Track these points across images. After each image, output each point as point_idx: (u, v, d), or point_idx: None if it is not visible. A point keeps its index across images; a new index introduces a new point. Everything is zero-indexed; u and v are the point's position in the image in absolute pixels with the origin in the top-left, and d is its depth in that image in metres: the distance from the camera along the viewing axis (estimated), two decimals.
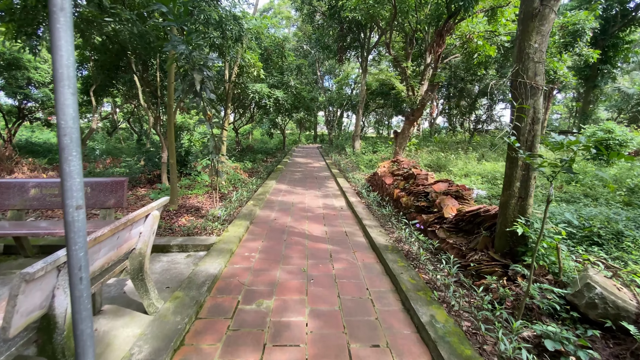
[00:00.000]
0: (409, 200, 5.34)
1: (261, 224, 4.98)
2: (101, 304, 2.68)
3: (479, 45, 7.11)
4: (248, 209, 5.65)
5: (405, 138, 8.58)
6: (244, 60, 8.67)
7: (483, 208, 3.68)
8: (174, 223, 5.01)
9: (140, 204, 6.41)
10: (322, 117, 39.96)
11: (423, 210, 4.95)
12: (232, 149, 16.80)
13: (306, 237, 4.42)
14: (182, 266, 3.49)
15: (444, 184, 5.04)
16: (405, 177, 6.17)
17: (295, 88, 13.52)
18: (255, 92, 11.25)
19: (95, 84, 15.14)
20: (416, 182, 5.73)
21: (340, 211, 5.97)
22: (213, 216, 5.04)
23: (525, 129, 2.98)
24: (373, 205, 5.93)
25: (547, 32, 2.92)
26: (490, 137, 19.47)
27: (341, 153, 17.87)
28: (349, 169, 11.44)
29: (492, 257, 3.23)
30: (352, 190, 7.55)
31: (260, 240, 4.28)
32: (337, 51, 16.89)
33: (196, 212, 5.62)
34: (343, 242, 4.31)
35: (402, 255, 3.70)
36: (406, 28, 9.36)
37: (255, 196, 6.70)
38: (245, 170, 10.72)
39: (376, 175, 7.83)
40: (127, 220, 2.12)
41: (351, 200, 6.46)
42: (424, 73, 8.79)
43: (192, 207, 6.02)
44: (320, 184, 8.96)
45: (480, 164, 11.22)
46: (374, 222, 4.99)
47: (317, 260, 3.66)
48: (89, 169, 12.02)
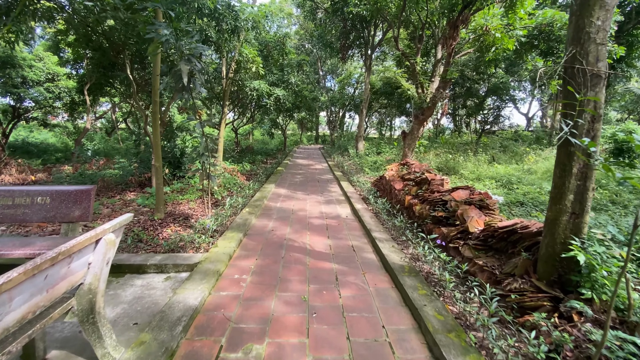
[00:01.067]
0: (423, 209, 4.73)
1: (256, 236, 4.38)
2: (45, 350, 2.09)
3: (496, 38, 6.51)
4: (243, 217, 5.05)
5: (415, 139, 7.98)
6: (242, 55, 8.10)
7: (520, 223, 3.07)
8: (158, 235, 4.42)
9: (125, 210, 5.83)
10: (323, 118, 39.42)
11: (441, 221, 4.34)
12: (231, 149, 16.22)
13: (307, 253, 3.82)
14: (159, 293, 2.90)
15: (465, 192, 4.43)
16: (418, 182, 5.57)
17: (296, 86, 12.94)
18: (254, 89, 10.67)
19: (90, 82, 14.60)
20: (430, 189, 5.12)
21: (346, 220, 5.37)
22: (202, 226, 4.45)
23: (584, 127, 2.37)
24: (382, 214, 5.32)
25: (613, 7, 2.32)
26: (498, 137, 18.86)
27: (344, 154, 17.28)
28: (353, 171, 10.84)
29: (537, 287, 2.62)
30: (357, 196, 6.95)
31: (254, 257, 3.68)
32: (339, 49, 16.31)
33: (185, 221, 5.03)
34: (350, 259, 3.71)
35: (422, 279, 3.09)
36: (415, 21, 8.76)
37: (251, 202, 6.11)
38: (243, 173, 10.14)
39: (383, 179, 7.23)
40: (59, 252, 1.53)
41: (357, 208, 5.86)
42: (434, 69, 8.19)
43: (182, 214, 5.44)
44: (322, 188, 8.36)
45: (491, 167, 10.61)
46: (384, 234, 4.39)
47: (320, 285, 3.06)
48: (80, 170, 11.45)
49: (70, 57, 13.98)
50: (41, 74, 20.77)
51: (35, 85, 20.78)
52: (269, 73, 11.97)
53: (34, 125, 26.71)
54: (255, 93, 10.80)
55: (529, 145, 13.55)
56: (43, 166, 14.44)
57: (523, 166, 10.58)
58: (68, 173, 11.65)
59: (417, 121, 7.75)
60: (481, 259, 3.22)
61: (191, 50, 3.94)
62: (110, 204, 6.50)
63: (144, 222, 4.88)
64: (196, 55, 4.06)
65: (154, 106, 4.75)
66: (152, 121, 4.89)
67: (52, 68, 20.81)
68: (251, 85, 10.63)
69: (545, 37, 8.82)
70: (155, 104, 4.76)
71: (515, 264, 2.89)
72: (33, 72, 20.60)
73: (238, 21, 5.99)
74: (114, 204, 6.53)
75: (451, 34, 6.62)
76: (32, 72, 20.60)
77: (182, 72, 3.80)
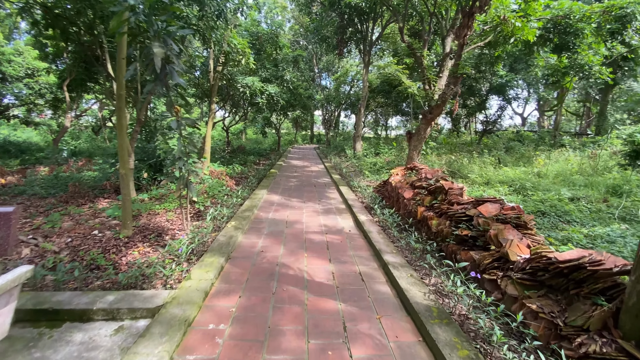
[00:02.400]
0: (442, 225, 3.98)
1: (242, 261, 3.58)
2: None
3: (516, 28, 5.80)
4: (227, 234, 4.24)
5: (422, 140, 7.24)
6: (230, 46, 7.27)
7: (588, 257, 2.32)
8: (120, 259, 3.60)
9: (91, 223, 4.97)
10: (318, 117, 38.63)
11: (465, 242, 3.60)
12: (222, 150, 15.35)
13: (305, 286, 3.03)
14: (101, 356, 2.09)
15: (494, 205, 3.69)
16: (431, 191, 4.82)
17: (291, 83, 12.12)
18: (245, 86, 9.84)
19: (70, 77, 13.60)
20: (448, 199, 4.38)
21: (349, 235, 4.60)
22: (178, 246, 3.63)
23: None
24: (391, 229, 4.56)
25: None
26: (499, 138, 18.25)
27: (340, 155, 16.52)
28: (352, 174, 10.08)
29: (625, 350, 1.88)
30: (360, 204, 6.19)
31: (236, 293, 2.89)
32: (336, 45, 15.52)
33: (157, 239, 4.21)
34: (359, 295, 2.94)
35: (458, 329, 2.34)
36: (421, 11, 8.03)
37: (239, 213, 5.30)
38: (233, 176, 9.30)
39: (388, 185, 6.47)
40: None
41: (361, 219, 5.09)
42: (442, 64, 7.45)
43: (155, 229, 4.61)
44: (320, 193, 7.58)
45: (498, 170, 9.94)
46: (397, 257, 3.63)
47: (323, 340, 2.28)
48: (56, 172, 10.50)
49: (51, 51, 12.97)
50: (20, 69, 19.61)
51: (15, 81, 19.60)
52: (261, 68, 11.13)
53: (16, 123, 25.49)
54: (248, 90, 9.98)
55: (536, 146, 12.93)
56: (21, 167, 13.45)
57: (533, 169, 9.94)
58: (43, 175, 10.72)
59: (424, 120, 7.01)
60: (532, 300, 2.47)
61: (168, 31, 3.13)
62: (76, 215, 5.64)
63: (107, 240, 4.05)
64: (174, 37, 3.25)
65: (119, 101, 3.91)
66: (116, 119, 4.05)
67: (31, 63, 19.65)
68: (243, 82, 9.80)
69: (561, 30, 8.14)
70: (120, 98, 3.92)
71: (587, 314, 2.14)
72: (12, 68, 19.41)
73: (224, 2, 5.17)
74: (81, 214, 5.67)
75: (465, 22, 5.89)
76: (11, 67, 19.40)
77: (154, 56, 2.98)
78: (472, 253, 3.28)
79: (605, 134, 14.40)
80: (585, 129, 26.02)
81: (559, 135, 15.52)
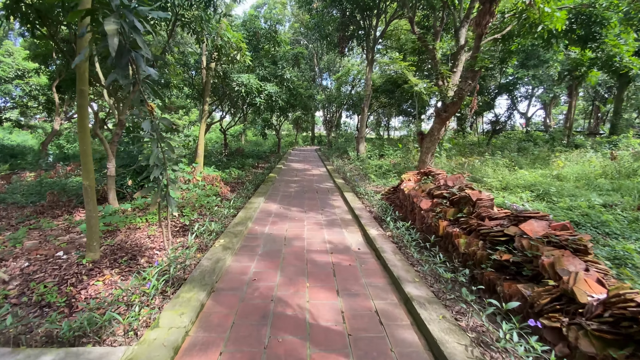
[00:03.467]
0: (473, 245, 3.28)
1: (228, 296, 2.88)
2: None
3: (544, 14, 5.11)
4: (213, 256, 3.55)
5: (435, 141, 6.55)
6: (223, 40, 6.60)
7: None
8: (79, 292, 2.92)
9: (60, 241, 4.29)
10: (318, 118, 37.96)
11: (504, 267, 2.90)
12: (219, 153, 14.68)
13: (307, 336, 2.33)
14: None
15: (540, 223, 2.99)
16: (455, 201, 4.12)
17: (291, 82, 11.44)
18: (241, 84, 9.17)
19: (59, 78, 12.95)
20: (477, 212, 3.68)
21: (358, 255, 3.90)
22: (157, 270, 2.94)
23: None
24: (410, 248, 3.86)
25: None
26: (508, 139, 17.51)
27: (343, 157, 15.83)
28: (356, 178, 9.39)
29: None
30: (368, 214, 5.49)
31: (216, 348, 2.19)
32: (338, 42, 14.85)
33: (131, 262, 3.53)
34: (379, 349, 2.23)
35: None
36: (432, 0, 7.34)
37: (231, 227, 4.61)
38: (229, 181, 8.62)
39: (399, 192, 5.78)
40: None
41: (371, 234, 4.40)
42: (456, 57, 6.76)
43: (131, 248, 3.93)
44: (323, 201, 6.88)
45: (513, 173, 9.23)
46: (421, 287, 2.93)
47: None
48: (41, 178, 9.85)
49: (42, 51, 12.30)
50: (10, 70, 19.00)
51: (4, 83, 18.99)
52: (259, 66, 10.46)
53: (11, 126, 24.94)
54: (244, 89, 9.30)
55: (552, 147, 12.20)
56: (9, 172, 12.82)
57: (551, 171, 9.22)
58: (29, 181, 10.08)
59: (438, 120, 6.32)
60: None
61: (134, 9, 2.45)
62: (47, 229, 4.97)
63: (68, 266, 3.36)
64: (142, 16, 2.57)
65: (79, 97, 3.22)
66: (77, 120, 3.37)
67: (21, 64, 19.03)
68: (239, 80, 9.12)
69: (585, 20, 7.43)
70: (80, 95, 3.22)
71: None
72: (1, 69, 18.80)
73: None
74: (52, 229, 5.00)
75: (487, 9, 5.20)
76: (0, 69, 18.77)
77: (107, 35, 2.30)
78: (520, 287, 2.58)
79: (622, 133, 13.67)
80: (595, 127, 25.23)
81: (572, 135, 14.78)
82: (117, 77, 2.48)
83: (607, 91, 24.91)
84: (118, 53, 2.50)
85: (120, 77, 2.48)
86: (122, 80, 2.47)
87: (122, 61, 2.49)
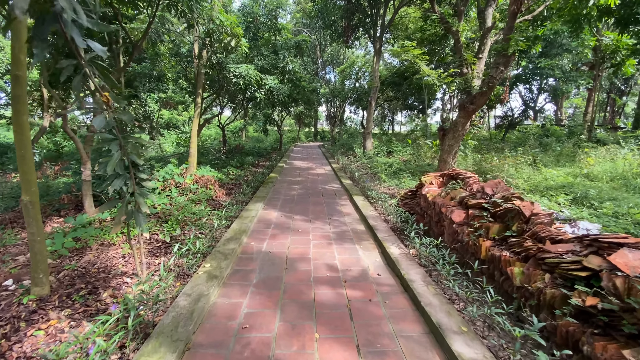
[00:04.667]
0: (535, 277, 2.47)
1: (208, 353, 2.10)
2: None
3: None
4: (194, 290, 2.77)
5: (459, 138, 5.70)
6: (215, 23, 5.76)
7: None
8: (11, 348, 2.15)
9: (15, 264, 3.52)
10: (321, 113, 37.04)
11: (586, 314, 2.09)
12: (217, 150, 13.89)
13: None
14: None
15: (635, 254, 2.17)
16: (498, 215, 3.29)
17: (293, 74, 10.57)
18: (239, 75, 8.33)
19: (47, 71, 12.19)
20: (533, 231, 2.86)
21: (380, 286, 3.10)
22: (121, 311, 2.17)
23: None
24: (447, 278, 3.05)
25: None
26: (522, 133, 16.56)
27: (348, 154, 14.98)
28: (365, 178, 8.57)
29: None
30: (384, 225, 4.68)
31: None
32: (342, 31, 13.94)
33: (89, 298, 2.76)
34: None
35: None
36: None
37: (221, 245, 3.82)
38: (225, 183, 7.83)
39: (420, 198, 4.96)
40: None
41: (392, 254, 3.60)
42: (482, 41, 5.89)
43: (97, 275, 3.16)
44: (330, 206, 6.08)
45: (539, 171, 8.37)
46: (474, 342, 2.13)
47: None
48: None
49: None
50: (1, 65, 18.26)
51: None
52: (258, 55, 9.61)
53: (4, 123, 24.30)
54: (242, 81, 8.46)
55: (576, 142, 11.27)
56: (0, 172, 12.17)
57: (581, 170, 8.35)
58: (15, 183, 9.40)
59: (463, 113, 5.47)
60: None
61: None
62: (9, 245, 4.22)
63: (7, 306, 2.59)
64: None
65: (14, 86, 2.42)
66: (12, 115, 2.58)
67: None
68: (236, 71, 8.28)
69: None
70: (16, 82, 2.43)
71: None
72: None
73: None
74: (15, 244, 4.25)
75: None
76: None
77: None
78: (627, 354, 1.77)
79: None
80: (610, 121, 24.12)
81: (594, 130, 13.81)
82: (37, 51, 1.68)
83: (624, 83, 23.74)
84: (39, 20, 1.71)
85: (39, 51, 1.67)
86: (40, 55, 1.67)
87: (42, 29, 1.68)
